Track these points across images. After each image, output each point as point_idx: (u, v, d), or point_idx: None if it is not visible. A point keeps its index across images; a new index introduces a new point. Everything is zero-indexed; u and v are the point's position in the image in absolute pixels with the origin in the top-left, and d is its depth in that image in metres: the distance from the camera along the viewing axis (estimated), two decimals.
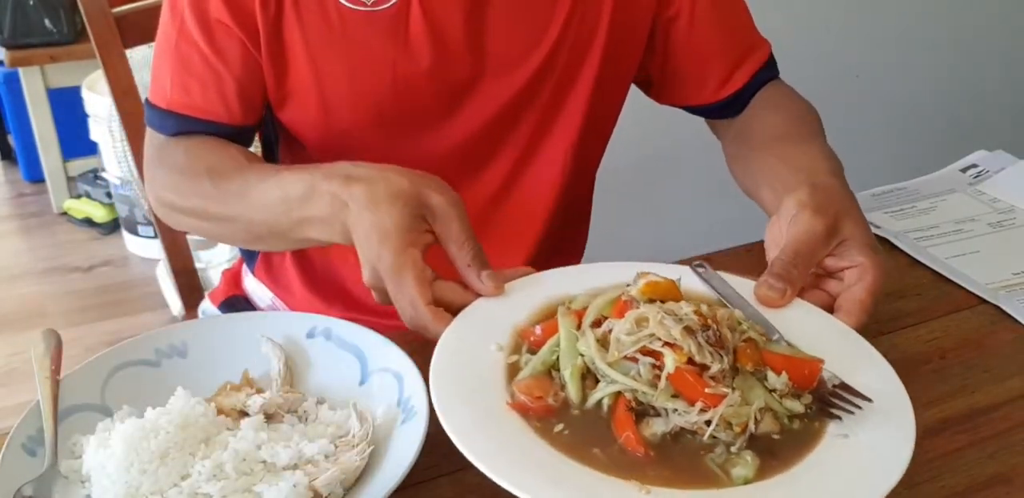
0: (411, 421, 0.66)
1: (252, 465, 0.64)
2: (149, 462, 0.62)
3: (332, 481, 0.63)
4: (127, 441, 0.63)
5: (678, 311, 0.65)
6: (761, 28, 1.09)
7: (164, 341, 0.75)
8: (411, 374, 0.70)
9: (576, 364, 0.66)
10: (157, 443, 0.63)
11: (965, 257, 0.98)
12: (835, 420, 0.64)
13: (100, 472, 0.63)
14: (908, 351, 0.83)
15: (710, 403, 0.61)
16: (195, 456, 0.64)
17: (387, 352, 0.73)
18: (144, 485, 0.62)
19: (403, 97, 0.94)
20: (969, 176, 1.16)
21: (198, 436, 0.66)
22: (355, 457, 0.65)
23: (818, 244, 0.75)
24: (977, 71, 2.50)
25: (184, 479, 0.63)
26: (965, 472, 0.70)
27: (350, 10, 0.89)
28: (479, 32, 0.92)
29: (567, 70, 0.96)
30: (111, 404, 0.71)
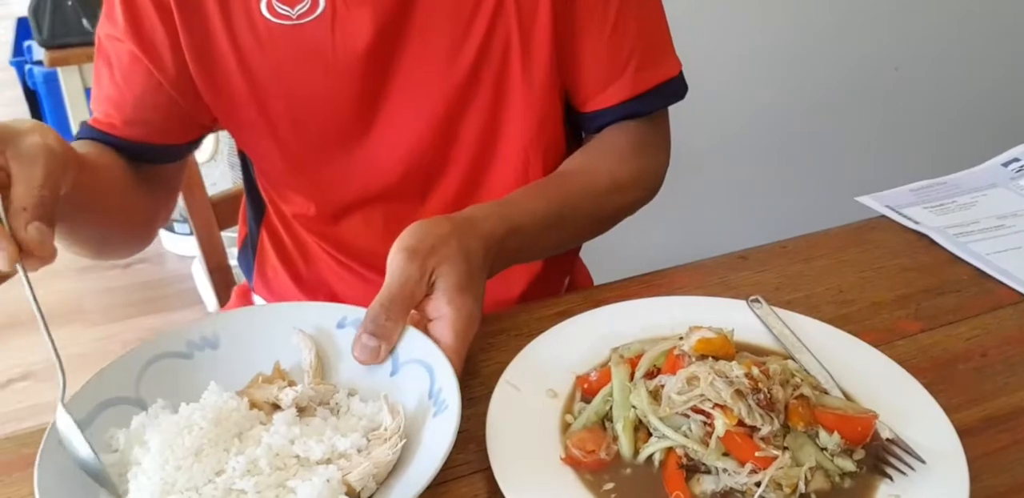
0: (443, 414, 0.65)
1: (285, 460, 0.64)
2: (184, 458, 0.62)
3: (365, 475, 0.62)
4: (162, 438, 0.64)
5: (729, 373, 0.66)
6: (800, 22, 1.06)
7: (196, 333, 0.75)
8: (441, 365, 0.69)
9: (628, 417, 0.67)
10: (192, 439, 0.63)
11: (1007, 253, 0.96)
12: (887, 479, 0.64)
13: (136, 468, 0.64)
14: (949, 349, 0.82)
15: (760, 465, 0.62)
16: (229, 452, 0.64)
17: (417, 342, 0.72)
18: (179, 482, 0.61)
19: (340, 109, 0.94)
20: (1011, 170, 1.13)
21: (232, 431, 0.66)
22: (388, 451, 0.64)
23: (413, 287, 0.71)
24: (1019, 63, 2.46)
25: (219, 475, 0.63)
26: (1007, 472, 0.69)
27: (277, 25, 0.89)
28: (400, 37, 0.91)
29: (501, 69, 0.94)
30: (146, 397, 0.70)
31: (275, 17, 0.89)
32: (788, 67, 2.23)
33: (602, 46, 0.95)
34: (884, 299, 0.89)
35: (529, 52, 0.93)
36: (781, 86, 2.26)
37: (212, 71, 0.92)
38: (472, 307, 0.72)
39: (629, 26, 0.95)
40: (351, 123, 0.96)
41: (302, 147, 0.98)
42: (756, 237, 1.02)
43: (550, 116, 0.99)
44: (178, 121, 0.97)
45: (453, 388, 0.66)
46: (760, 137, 2.30)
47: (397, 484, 0.63)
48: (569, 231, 0.94)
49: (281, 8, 0.89)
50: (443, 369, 0.68)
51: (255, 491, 0.61)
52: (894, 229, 1.02)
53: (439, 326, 0.71)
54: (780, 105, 2.28)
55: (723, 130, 2.16)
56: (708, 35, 2.01)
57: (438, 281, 0.72)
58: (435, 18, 0.91)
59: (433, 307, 0.72)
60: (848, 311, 0.87)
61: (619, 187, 0.96)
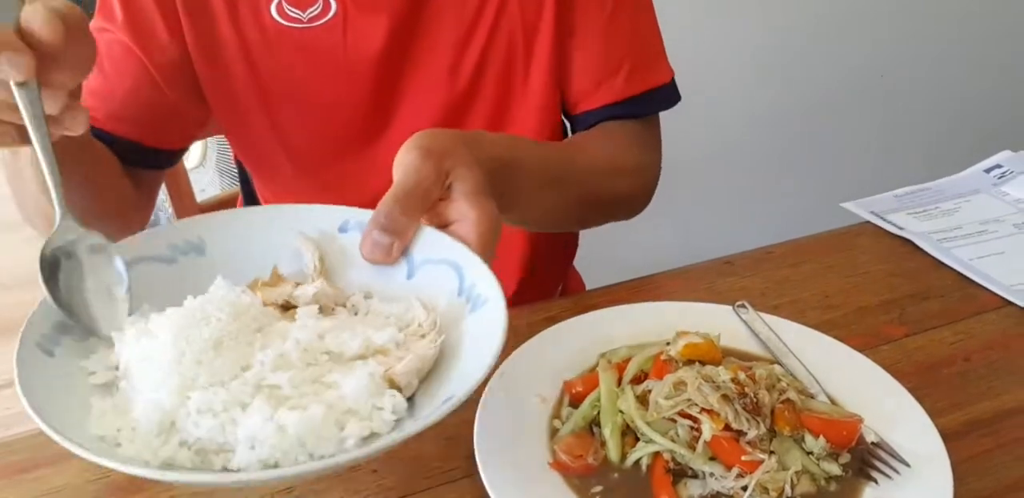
0: (481, 308, 0.60)
1: (316, 356, 0.58)
2: (203, 352, 0.55)
3: (410, 370, 0.57)
4: (174, 330, 0.56)
5: (716, 378, 0.67)
6: (784, 29, 1.08)
7: (178, 236, 0.66)
8: (470, 261, 0.62)
9: (616, 422, 0.68)
10: (209, 331, 0.56)
11: (989, 258, 0.97)
12: (872, 482, 0.65)
13: (146, 365, 0.55)
14: (933, 353, 0.83)
15: (746, 469, 0.63)
16: (253, 346, 0.57)
17: (437, 241, 0.64)
18: (201, 377, 0.54)
19: (350, 114, 0.94)
20: (993, 176, 1.15)
21: (251, 326, 0.59)
22: (429, 345, 0.59)
23: (429, 185, 0.64)
24: (1002, 71, 2.48)
25: (245, 370, 0.56)
26: (991, 475, 0.69)
27: (287, 28, 0.89)
28: (412, 42, 0.92)
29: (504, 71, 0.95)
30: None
31: (285, 20, 0.89)
32: (775, 75, 2.25)
33: (595, 48, 0.95)
34: (869, 304, 0.90)
35: (531, 53, 0.94)
36: (767, 94, 2.27)
37: (219, 73, 0.92)
38: (496, 211, 0.65)
39: (622, 30, 0.96)
40: (361, 128, 0.96)
41: (310, 152, 0.98)
42: (742, 243, 1.03)
43: (549, 118, 0.99)
44: (166, 122, 0.95)
45: (490, 281, 0.60)
46: (746, 144, 2.32)
47: (441, 382, 0.58)
48: (565, 198, 0.87)
49: (292, 11, 0.89)
50: (473, 265, 0.62)
51: (291, 386, 0.55)
52: (879, 235, 1.03)
53: (462, 227, 0.64)
54: (766, 113, 2.30)
55: (710, 138, 2.17)
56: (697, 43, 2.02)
57: (456, 184, 0.65)
58: (443, 21, 0.91)
59: (454, 208, 0.65)
60: (833, 316, 0.88)
61: (618, 170, 0.95)
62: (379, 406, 0.55)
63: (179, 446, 0.53)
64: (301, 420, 0.52)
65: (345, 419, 0.54)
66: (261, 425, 0.52)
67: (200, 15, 0.89)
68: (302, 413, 0.52)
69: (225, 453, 0.53)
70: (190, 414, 0.53)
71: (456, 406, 0.51)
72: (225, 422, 0.53)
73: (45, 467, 0.69)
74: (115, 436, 0.53)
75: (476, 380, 0.53)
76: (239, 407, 0.54)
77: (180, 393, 0.53)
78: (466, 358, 0.58)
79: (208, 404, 0.53)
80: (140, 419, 0.53)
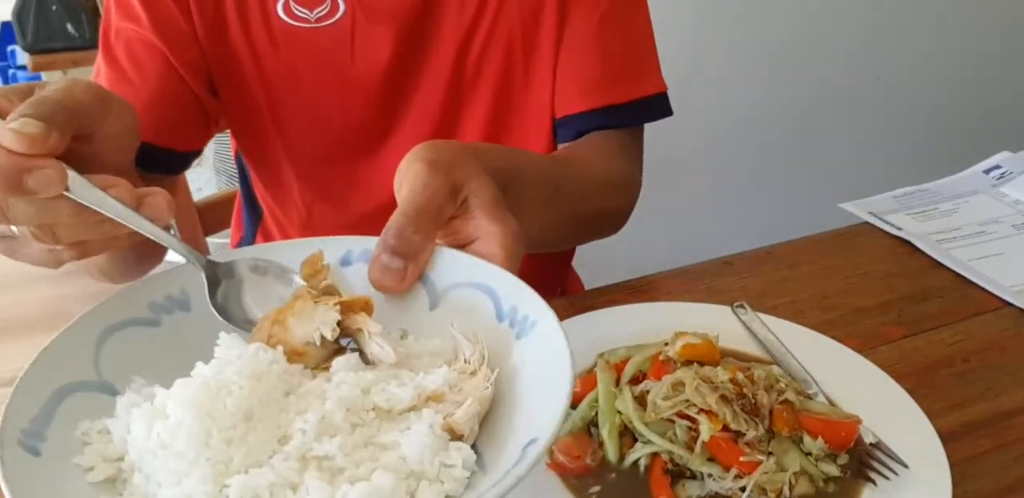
0: (532, 332, 0.53)
1: (360, 415, 0.49)
2: (232, 427, 0.47)
3: (471, 416, 0.49)
4: (192, 405, 0.47)
5: (714, 378, 0.67)
6: (781, 31, 1.07)
7: (159, 292, 0.57)
8: (505, 281, 0.55)
9: (614, 422, 0.68)
10: (234, 402, 0.47)
11: (988, 259, 0.97)
12: (870, 483, 0.65)
13: (163, 454, 0.47)
14: (931, 354, 0.83)
15: (745, 470, 0.63)
16: (288, 413, 0.49)
17: (460, 264, 0.57)
18: (236, 458, 0.46)
19: (353, 120, 0.94)
20: (992, 177, 1.15)
21: (279, 388, 0.50)
22: (483, 384, 0.51)
23: (441, 201, 0.58)
24: (1000, 71, 2.48)
25: (283, 443, 0.48)
26: (989, 476, 0.69)
27: (294, 27, 0.89)
28: (419, 54, 0.92)
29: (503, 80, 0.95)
30: (112, 379, 0.53)
31: (292, 19, 0.89)
32: (773, 76, 2.25)
33: (584, 51, 0.95)
34: (867, 305, 0.90)
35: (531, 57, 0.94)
36: (766, 94, 2.27)
37: (229, 72, 0.92)
38: (517, 225, 0.60)
39: (614, 36, 0.95)
40: (363, 135, 0.95)
41: (312, 156, 0.97)
42: (741, 243, 1.03)
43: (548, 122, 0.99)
44: (185, 120, 0.94)
45: (534, 301, 0.53)
46: (745, 144, 2.31)
47: (502, 422, 0.50)
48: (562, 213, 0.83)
49: (299, 10, 0.89)
50: (508, 284, 0.55)
51: (342, 454, 0.47)
52: (877, 235, 1.03)
53: (485, 245, 0.58)
54: (765, 113, 2.30)
55: (708, 138, 2.17)
56: (695, 42, 2.02)
57: (471, 198, 0.59)
58: (445, 28, 0.91)
59: (473, 225, 0.59)
60: (832, 317, 0.87)
61: (610, 184, 0.93)
62: (448, 463, 0.48)
63: None
64: (371, 495, 0.44)
65: (414, 483, 0.46)
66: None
67: (211, 14, 0.89)
68: (369, 486, 0.45)
69: None
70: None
71: (543, 452, 0.44)
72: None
73: None
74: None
75: (559, 414, 0.45)
76: (289, 490, 0.45)
77: (215, 482, 0.45)
78: (528, 392, 0.50)
79: (253, 491, 0.45)
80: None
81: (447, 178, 0.59)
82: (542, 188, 0.77)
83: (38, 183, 0.48)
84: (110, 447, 0.49)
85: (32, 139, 0.47)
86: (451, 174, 0.59)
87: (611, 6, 0.94)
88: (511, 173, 0.69)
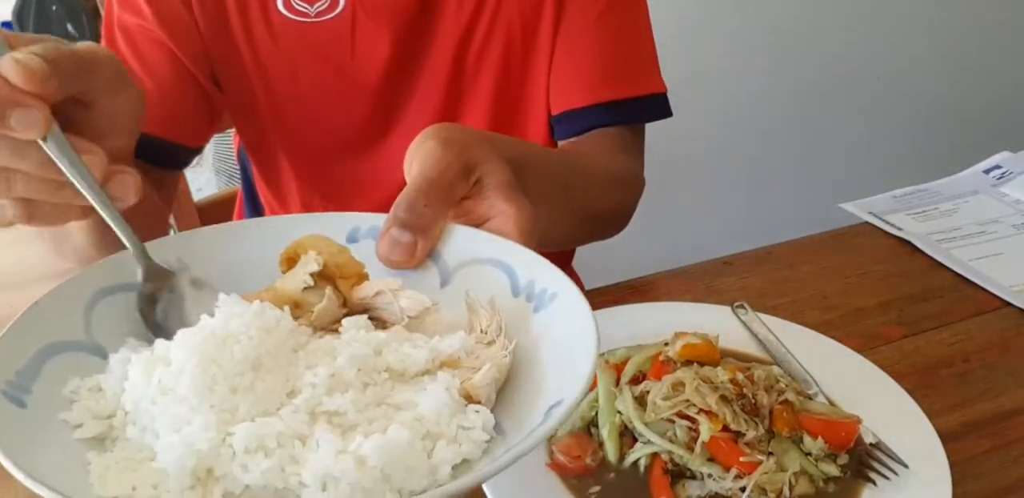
0: (551, 305, 0.51)
1: (372, 376, 0.47)
2: (240, 375, 0.44)
3: (489, 381, 0.48)
4: (197, 352, 0.45)
5: (714, 378, 0.67)
6: (782, 31, 1.07)
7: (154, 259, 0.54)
8: (522, 256, 0.54)
9: (614, 422, 0.68)
10: (242, 350, 0.45)
11: (988, 259, 0.97)
12: (870, 483, 0.65)
13: (163, 401, 0.44)
14: (931, 354, 0.83)
15: (745, 470, 0.63)
16: (298, 366, 0.47)
17: (473, 240, 0.56)
18: (242, 407, 0.43)
19: (353, 117, 0.94)
20: (992, 177, 1.15)
21: (287, 343, 0.48)
22: (501, 352, 0.50)
23: (453, 178, 0.57)
24: (1000, 71, 2.48)
25: (292, 397, 0.45)
26: (989, 476, 0.69)
27: (293, 22, 0.89)
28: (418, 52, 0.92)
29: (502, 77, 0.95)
30: (103, 342, 0.50)
31: (292, 13, 0.89)
32: (772, 75, 2.25)
33: (585, 45, 0.95)
34: (867, 305, 0.90)
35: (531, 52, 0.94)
36: (767, 94, 2.27)
37: (228, 63, 0.92)
38: (533, 209, 0.58)
39: (613, 35, 0.95)
40: (361, 132, 0.95)
41: (310, 153, 0.97)
42: (741, 243, 1.03)
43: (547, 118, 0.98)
44: (199, 112, 0.93)
45: (553, 273, 0.51)
46: (745, 145, 2.31)
47: (521, 393, 0.49)
48: (569, 208, 0.82)
49: (299, 5, 0.89)
50: (525, 258, 0.53)
51: (355, 411, 0.44)
52: (877, 235, 1.03)
53: (499, 223, 0.57)
54: (765, 113, 2.30)
55: (708, 138, 2.17)
56: (694, 41, 2.02)
57: (486, 179, 0.58)
58: (444, 25, 0.91)
59: (486, 205, 0.58)
60: (832, 317, 0.88)
61: (615, 181, 0.92)
62: (466, 425, 0.46)
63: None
64: (383, 447, 0.42)
65: (430, 444, 0.44)
66: (334, 459, 0.41)
67: (211, 7, 0.89)
68: (383, 439, 0.42)
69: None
70: (235, 455, 0.42)
71: (568, 413, 0.42)
72: (284, 461, 0.42)
73: None
74: (131, 496, 0.42)
75: (585, 376, 0.44)
76: (298, 440, 0.43)
77: (218, 429, 0.42)
78: (550, 361, 0.49)
79: (259, 439, 0.42)
80: (167, 469, 0.42)
81: (460, 156, 0.57)
82: (550, 182, 0.76)
83: (20, 121, 0.46)
84: (101, 404, 0.47)
85: (31, 73, 0.45)
86: (464, 152, 0.58)
87: (611, 3, 0.94)
88: (521, 163, 0.67)
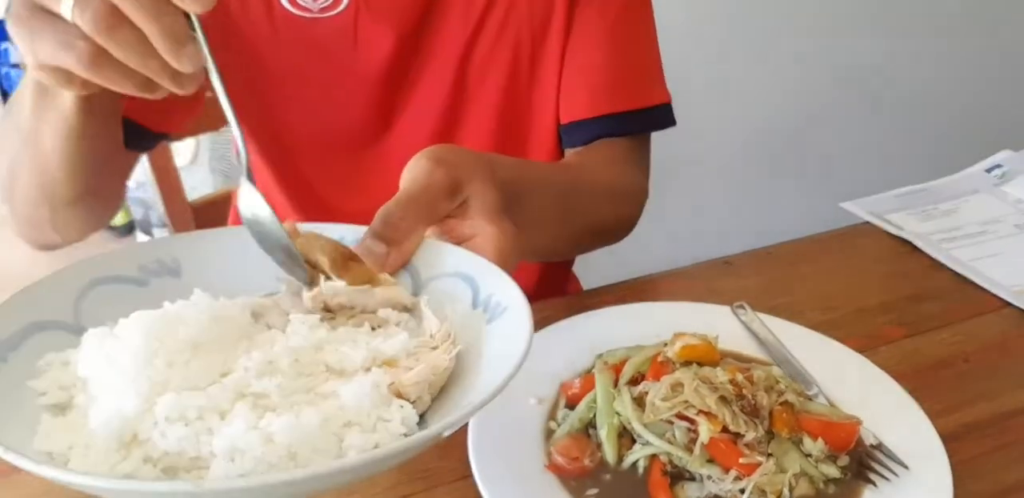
0: (500, 318, 0.53)
1: (311, 368, 0.50)
2: (179, 352, 0.48)
3: (420, 381, 0.50)
4: (146, 330, 0.48)
5: (713, 379, 0.66)
6: (784, 30, 1.07)
7: (150, 256, 0.58)
8: (486, 272, 0.56)
9: (612, 423, 0.67)
10: (186, 332, 0.49)
11: (989, 259, 0.97)
12: (871, 485, 0.65)
13: (108, 370, 0.48)
14: (931, 355, 0.82)
15: (744, 472, 0.62)
16: (236, 351, 0.50)
17: (446, 256, 0.59)
18: (173, 380, 0.46)
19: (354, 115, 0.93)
20: (994, 176, 1.14)
21: (235, 333, 0.52)
22: (443, 356, 0.52)
23: (437, 195, 0.59)
24: (1001, 70, 2.48)
25: (225, 377, 0.48)
26: (990, 477, 0.69)
27: (296, 17, 0.88)
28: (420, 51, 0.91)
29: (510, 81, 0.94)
30: (88, 325, 0.53)
31: (295, 7, 0.88)
32: (773, 75, 2.25)
33: (593, 56, 0.94)
34: (868, 305, 0.89)
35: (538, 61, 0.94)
36: (767, 93, 2.27)
37: (226, 53, 0.90)
38: (516, 232, 0.60)
39: (623, 46, 0.95)
40: (362, 132, 0.95)
41: (310, 151, 0.97)
42: (741, 243, 1.03)
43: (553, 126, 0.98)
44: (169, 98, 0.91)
45: (509, 288, 0.54)
46: (745, 144, 2.31)
47: (457, 400, 0.51)
48: (570, 224, 0.84)
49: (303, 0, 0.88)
50: (489, 273, 0.56)
51: (280, 394, 0.47)
52: (878, 235, 1.03)
53: (479, 243, 0.59)
54: (765, 112, 2.29)
55: (708, 138, 2.16)
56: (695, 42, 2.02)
57: (472, 201, 0.60)
58: (450, 26, 0.91)
59: (470, 225, 0.60)
60: (832, 317, 0.87)
61: (617, 194, 0.93)
62: (386, 418, 0.48)
63: (142, 462, 0.45)
64: (293, 427, 0.45)
65: (345, 432, 0.47)
66: (243, 433, 0.44)
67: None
68: (294, 419, 0.45)
69: (198, 470, 0.45)
70: (157, 422, 0.45)
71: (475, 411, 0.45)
72: (199, 431, 0.45)
73: None
74: (65, 453, 0.45)
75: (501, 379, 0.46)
76: (217, 415, 0.46)
77: (147, 399, 0.46)
78: (486, 370, 0.51)
79: (179, 410, 0.45)
80: (96, 431, 0.45)
81: (448, 175, 0.59)
82: (552, 202, 0.77)
83: None
84: (66, 375, 0.49)
85: None
86: (453, 172, 0.60)
87: (621, 14, 0.94)
88: (521, 186, 0.69)
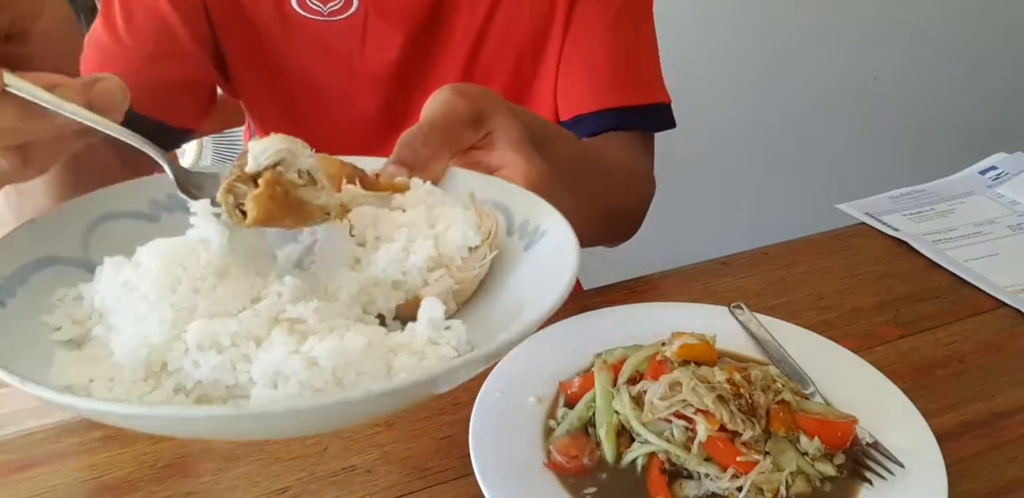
0: (541, 241, 0.50)
1: None
2: (202, 279, 0.44)
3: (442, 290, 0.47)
4: (166, 256, 0.45)
5: (711, 378, 0.67)
6: (778, 33, 1.08)
7: (162, 191, 0.54)
8: (521, 198, 0.53)
9: (611, 422, 0.68)
10: (209, 257, 0.45)
11: (984, 260, 0.98)
12: (866, 483, 0.65)
13: (127, 299, 0.45)
14: (927, 355, 0.83)
15: (742, 470, 0.63)
16: (266, 277, 0.46)
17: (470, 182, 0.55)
18: (200, 307, 0.43)
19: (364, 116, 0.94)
20: (988, 178, 1.15)
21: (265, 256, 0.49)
22: (473, 264, 0.49)
23: (460, 123, 0.57)
24: (997, 73, 2.48)
25: (255, 303, 0.45)
26: (985, 476, 0.69)
27: (306, 20, 0.89)
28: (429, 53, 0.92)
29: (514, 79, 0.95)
30: (98, 260, 0.49)
31: (305, 11, 0.89)
32: (769, 76, 2.25)
33: (595, 54, 0.95)
34: (864, 305, 0.90)
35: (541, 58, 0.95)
36: (762, 96, 2.28)
37: (237, 52, 0.92)
38: (546, 166, 0.57)
39: (623, 42, 0.95)
40: (372, 131, 0.96)
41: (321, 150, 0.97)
42: (738, 244, 1.03)
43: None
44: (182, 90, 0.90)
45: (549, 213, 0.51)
46: (742, 146, 2.32)
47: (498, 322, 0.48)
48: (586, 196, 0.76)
49: (313, 3, 0.89)
50: (526, 200, 0.53)
51: (318, 319, 0.43)
52: (874, 236, 1.03)
53: (507, 173, 0.57)
54: (761, 114, 2.30)
55: (705, 139, 2.17)
56: (694, 43, 2.03)
57: (497, 132, 0.58)
58: (456, 29, 0.92)
59: (496, 156, 0.58)
60: (828, 317, 0.88)
61: (632, 176, 0.93)
62: (435, 341, 0.45)
63: (174, 392, 0.42)
64: (338, 351, 0.41)
65: (392, 356, 0.43)
66: (284, 358, 0.41)
67: None
68: (338, 342, 0.41)
69: (235, 399, 0.42)
70: (188, 351, 0.42)
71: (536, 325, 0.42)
72: (235, 358, 0.42)
73: (39, 467, 0.69)
74: (86, 386, 0.41)
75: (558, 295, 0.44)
76: (252, 341, 0.42)
77: (174, 326, 0.42)
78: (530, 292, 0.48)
79: (211, 336, 0.42)
80: (121, 361, 0.42)
81: (471, 105, 0.57)
82: (569, 163, 0.73)
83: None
84: (80, 309, 0.47)
85: None
86: (476, 103, 0.57)
87: (621, 13, 0.94)
88: (544, 135, 0.65)
